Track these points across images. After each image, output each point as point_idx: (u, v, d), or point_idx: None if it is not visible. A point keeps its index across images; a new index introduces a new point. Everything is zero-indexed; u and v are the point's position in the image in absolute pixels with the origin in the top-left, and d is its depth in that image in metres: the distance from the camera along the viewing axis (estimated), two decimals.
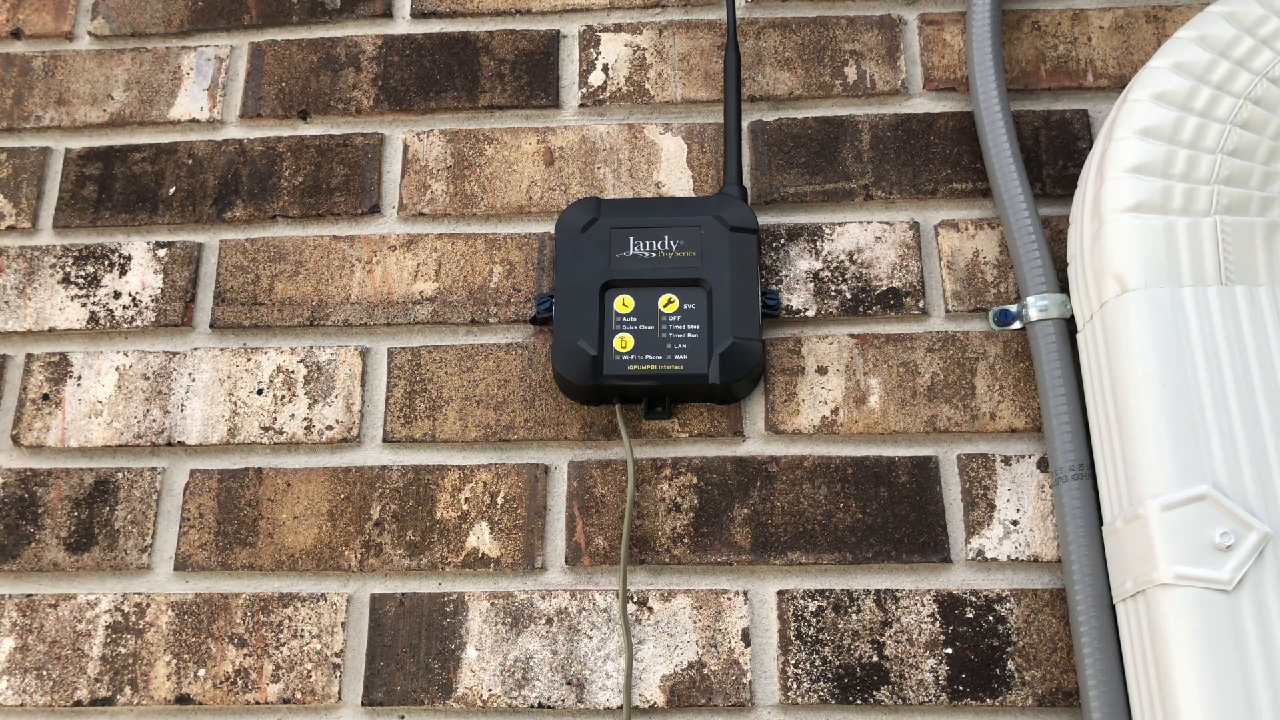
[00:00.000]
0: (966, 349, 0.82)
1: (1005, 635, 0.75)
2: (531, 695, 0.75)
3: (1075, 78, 0.89)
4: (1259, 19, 0.76)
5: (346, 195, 0.90)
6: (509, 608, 0.78)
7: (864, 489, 0.79)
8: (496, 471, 0.81)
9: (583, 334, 0.78)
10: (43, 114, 0.96)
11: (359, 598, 0.79)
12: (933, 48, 0.91)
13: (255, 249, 0.89)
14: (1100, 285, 0.73)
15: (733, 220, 0.81)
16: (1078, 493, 0.74)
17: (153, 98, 0.95)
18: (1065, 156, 0.87)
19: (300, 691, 0.77)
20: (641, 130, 0.90)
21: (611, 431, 0.81)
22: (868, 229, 0.86)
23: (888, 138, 0.89)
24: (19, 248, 0.91)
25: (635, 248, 0.81)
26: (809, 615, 0.76)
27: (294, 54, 0.96)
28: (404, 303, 0.86)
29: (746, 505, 0.79)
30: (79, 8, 0.99)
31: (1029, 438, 0.80)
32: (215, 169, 0.92)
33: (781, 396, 0.82)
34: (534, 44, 0.94)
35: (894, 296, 0.84)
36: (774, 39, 0.92)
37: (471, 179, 0.90)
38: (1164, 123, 0.74)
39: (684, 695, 0.75)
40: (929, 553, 0.77)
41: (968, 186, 0.87)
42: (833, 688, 0.74)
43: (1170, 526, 0.65)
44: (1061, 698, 0.73)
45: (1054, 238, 0.83)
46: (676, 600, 0.77)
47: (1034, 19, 0.92)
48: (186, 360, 0.86)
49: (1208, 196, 0.72)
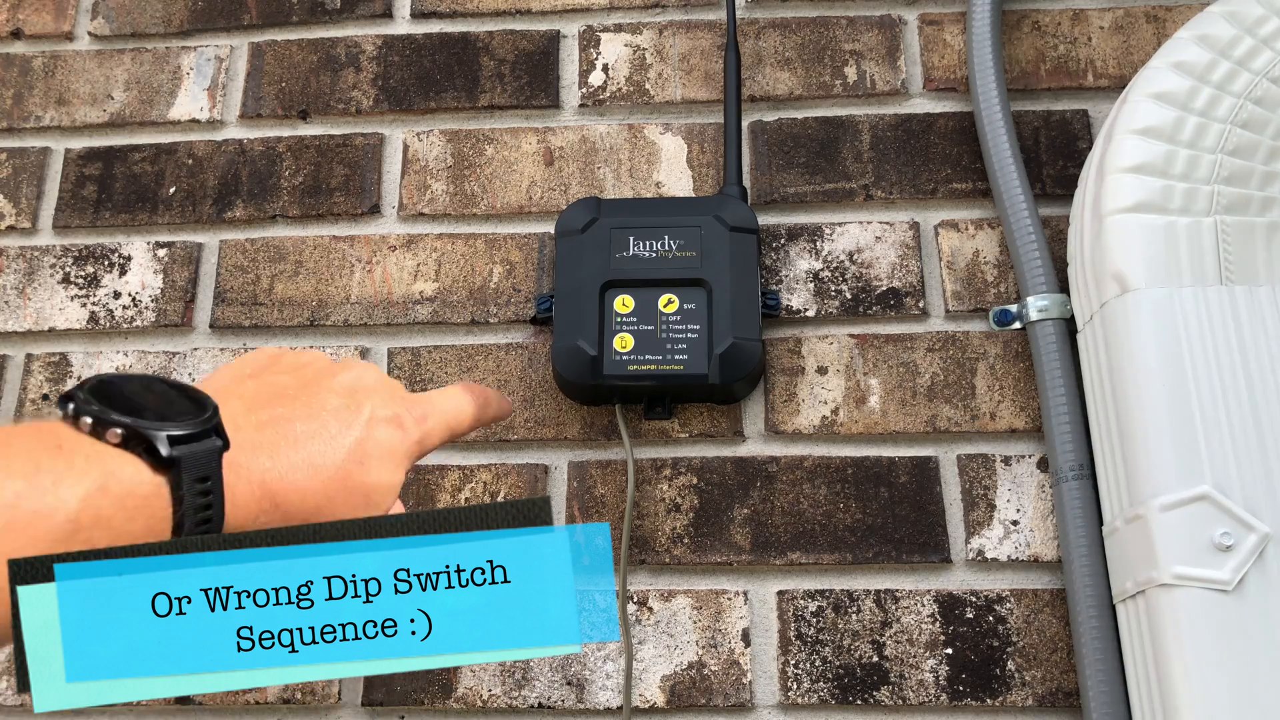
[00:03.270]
0: (966, 349, 0.82)
1: (1005, 635, 0.75)
2: (531, 695, 0.75)
3: (1075, 78, 0.89)
4: (1259, 19, 0.76)
5: (346, 195, 0.90)
6: None
7: (864, 489, 0.79)
8: (496, 471, 0.81)
9: (583, 334, 0.78)
10: (43, 114, 0.96)
11: None
12: (933, 48, 0.91)
13: (255, 249, 0.89)
14: (1100, 285, 0.73)
15: (733, 220, 0.81)
16: (1078, 493, 0.74)
17: (153, 98, 0.95)
18: (1065, 156, 0.87)
19: (300, 691, 0.77)
20: (641, 130, 0.90)
21: (611, 432, 0.81)
22: (868, 229, 0.86)
23: (888, 138, 0.89)
24: (19, 248, 0.91)
25: (635, 248, 0.81)
26: (809, 615, 0.76)
27: (294, 54, 0.96)
28: (404, 303, 0.86)
29: (746, 505, 0.79)
30: (79, 8, 0.99)
31: (1029, 438, 0.80)
32: (215, 169, 0.92)
33: (781, 396, 0.82)
34: (534, 44, 0.94)
35: (894, 296, 0.84)
36: (774, 39, 0.92)
37: (471, 179, 0.90)
38: (1164, 123, 0.74)
39: (684, 695, 0.75)
40: (929, 553, 0.77)
41: (968, 186, 0.87)
42: (833, 688, 0.74)
43: (1170, 526, 0.65)
44: (1061, 698, 0.73)
45: (1054, 238, 0.83)
46: (676, 600, 0.77)
47: (1034, 19, 0.92)
48: (186, 360, 0.86)
49: (1208, 196, 0.72)
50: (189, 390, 0.43)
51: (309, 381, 0.49)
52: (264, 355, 0.50)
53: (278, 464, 0.44)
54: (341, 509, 0.46)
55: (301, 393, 0.48)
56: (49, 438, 0.38)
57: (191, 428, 0.40)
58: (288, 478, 0.44)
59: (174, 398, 0.42)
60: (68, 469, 0.36)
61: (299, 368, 0.50)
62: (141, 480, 0.38)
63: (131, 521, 0.38)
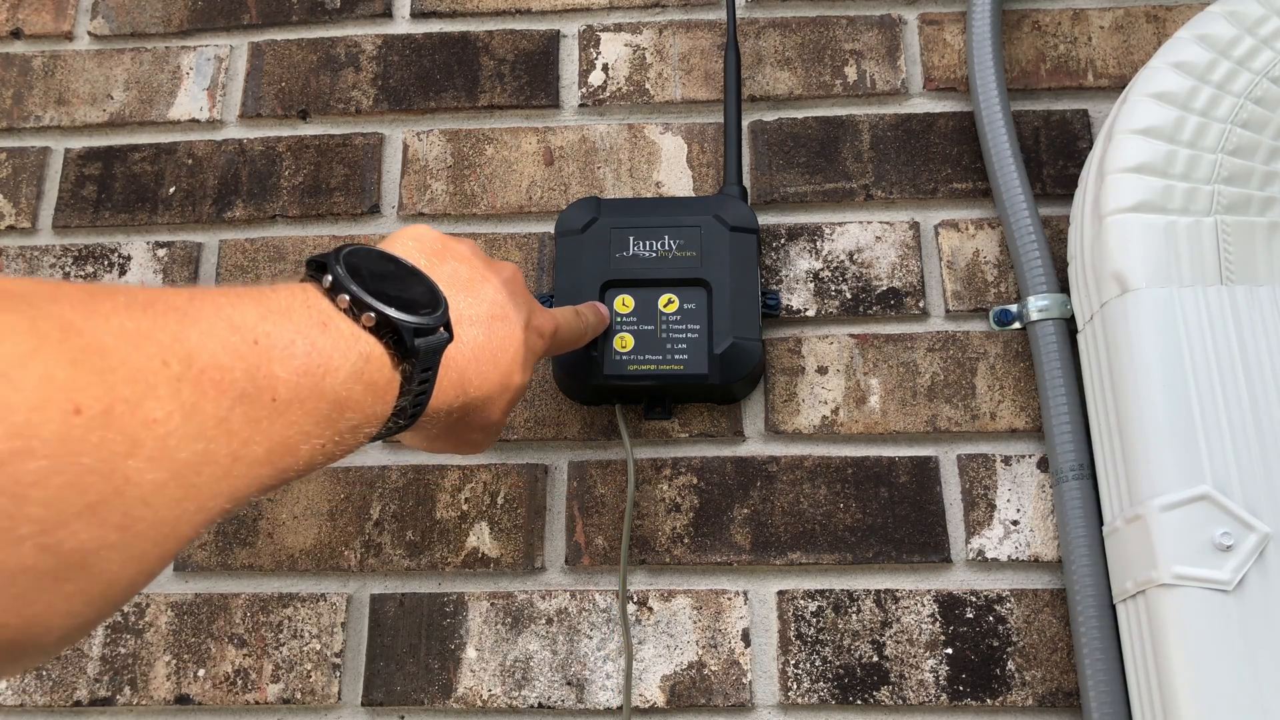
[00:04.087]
0: (967, 349, 0.82)
1: (1005, 635, 0.75)
2: (531, 695, 0.75)
3: (1075, 77, 0.89)
4: (1259, 19, 0.76)
5: (346, 195, 0.90)
6: (509, 608, 0.78)
7: (864, 489, 0.79)
8: (496, 471, 0.81)
9: None
10: (42, 114, 0.96)
11: (359, 598, 0.79)
12: (933, 48, 0.91)
13: (255, 249, 0.89)
14: (1100, 285, 0.73)
15: (733, 220, 0.81)
16: (1078, 493, 0.74)
17: (152, 98, 0.95)
18: (1065, 156, 0.87)
19: (300, 691, 0.76)
20: (641, 130, 0.90)
21: (611, 431, 0.81)
22: (868, 229, 0.86)
23: (888, 138, 0.89)
24: (18, 248, 0.91)
25: (635, 248, 0.81)
26: (809, 615, 0.76)
27: (294, 54, 0.96)
28: None
29: (746, 505, 0.79)
30: (79, 8, 0.99)
31: (1029, 438, 0.80)
32: (215, 169, 0.92)
33: (781, 396, 0.81)
34: (534, 44, 0.94)
35: (894, 296, 0.84)
36: (774, 39, 0.92)
37: (471, 179, 0.90)
38: (1164, 122, 0.74)
39: (684, 695, 0.75)
40: (929, 553, 0.77)
41: (968, 186, 0.87)
42: (833, 688, 0.74)
43: (1170, 526, 0.65)
44: (1062, 698, 0.73)
45: (1054, 238, 0.83)
46: (676, 600, 0.77)
47: (1034, 19, 0.92)
48: None
49: (1208, 196, 0.72)
50: (422, 276, 0.45)
51: (481, 276, 0.51)
52: (433, 234, 0.52)
53: (476, 355, 0.47)
54: (498, 401, 0.50)
55: (481, 286, 0.50)
56: (315, 313, 0.39)
57: (432, 320, 0.42)
58: (478, 369, 0.47)
59: (412, 283, 0.44)
60: (335, 352, 0.38)
61: (467, 258, 0.52)
62: (384, 368, 0.40)
63: (372, 406, 0.40)
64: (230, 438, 0.33)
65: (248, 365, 0.34)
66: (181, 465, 0.31)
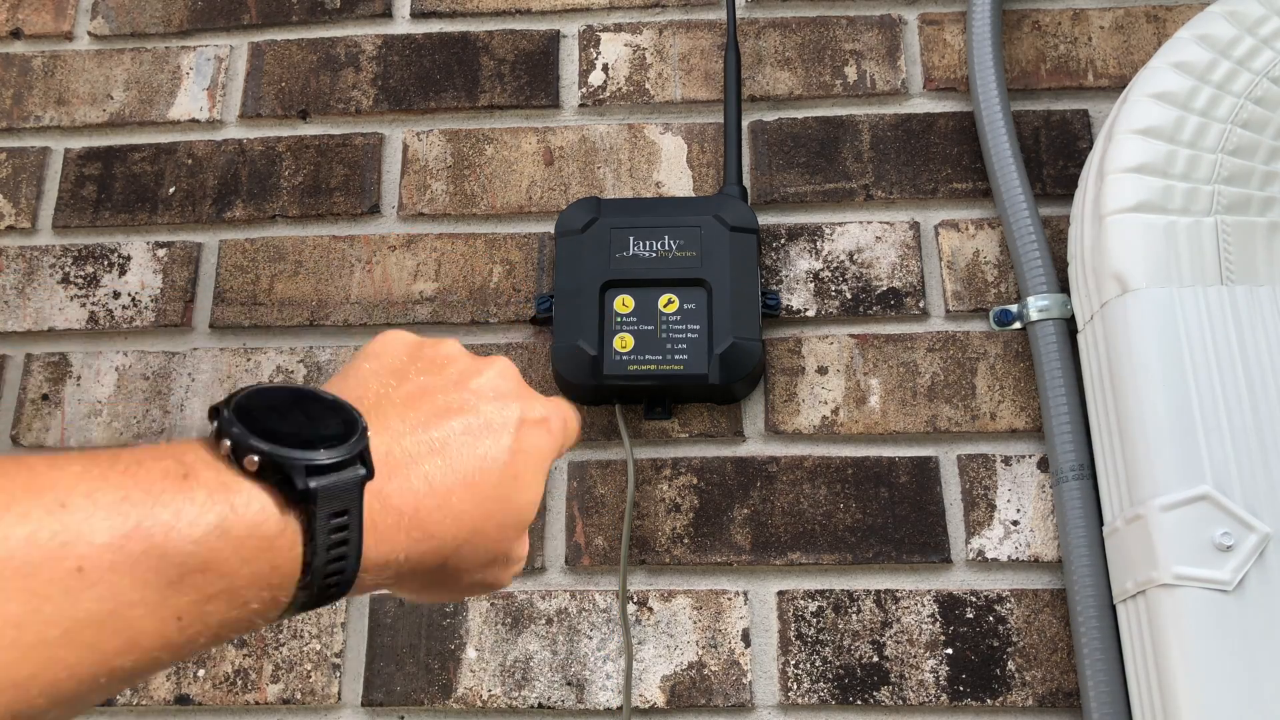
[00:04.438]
0: (967, 349, 0.82)
1: (1005, 636, 0.75)
2: (531, 695, 0.75)
3: (1075, 78, 0.89)
4: (1259, 19, 0.76)
5: (346, 195, 0.90)
6: (509, 608, 0.78)
7: (864, 489, 0.79)
8: None
9: (583, 334, 0.78)
10: (42, 114, 0.96)
11: (358, 597, 0.79)
12: (933, 48, 0.91)
13: (255, 249, 0.89)
14: (1101, 285, 0.73)
15: (733, 220, 0.81)
16: (1078, 493, 0.73)
17: (152, 98, 0.95)
18: (1065, 156, 0.87)
19: (300, 692, 0.76)
20: (641, 130, 0.90)
21: (611, 431, 0.81)
22: (868, 229, 0.86)
23: (888, 138, 0.89)
24: (18, 248, 0.91)
25: (635, 248, 0.81)
26: (809, 615, 0.76)
27: (294, 54, 0.96)
28: (404, 303, 0.86)
29: (746, 505, 0.79)
30: (79, 8, 0.99)
31: (1029, 438, 0.79)
32: (215, 169, 0.92)
33: (781, 396, 0.81)
34: (534, 44, 0.94)
35: (894, 296, 0.84)
36: (774, 39, 0.92)
37: (471, 179, 0.90)
38: (1165, 122, 0.74)
39: (684, 695, 0.75)
40: (929, 553, 0.77)
41: (968, 186, 0.87)
42: (833, 688, 0.74)
43: (1171, 527, 0.65)
44: (1062, 698, 0.73)
45: (1054, 238, 0.83)
46: (676, 600, 0.77)
47: (1034, 19, 0.92)
48: (186, 360, 0.86)
49: (1208, 196, 0.72)
50: (342, 408, 0.38)
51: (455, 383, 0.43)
52: (400, 345, 0.45)
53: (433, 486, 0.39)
54: (493, 531, 0.42)
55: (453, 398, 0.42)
56: (178, 465, 0.34)
57: (335, 455, 0.36)
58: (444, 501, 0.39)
59: (324, 416, 0.38)
60: (188, 504, 0.33)
61: (442, 365, 0.44)
62: (267, 518, 0.34)
63: (248, 565, 0.34)
64: None
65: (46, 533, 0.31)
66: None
